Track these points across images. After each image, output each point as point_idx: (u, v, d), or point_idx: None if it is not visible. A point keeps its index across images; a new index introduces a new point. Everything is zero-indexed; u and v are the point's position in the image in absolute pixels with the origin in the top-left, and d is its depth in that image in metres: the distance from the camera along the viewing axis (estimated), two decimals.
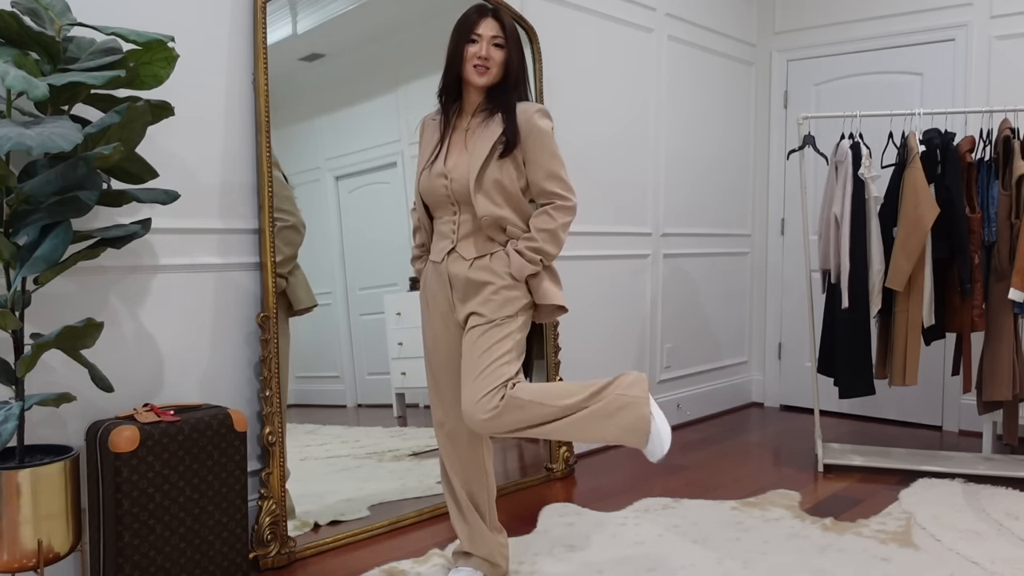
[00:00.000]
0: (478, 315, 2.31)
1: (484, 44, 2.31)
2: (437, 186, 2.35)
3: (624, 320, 4.39)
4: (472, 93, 2.39)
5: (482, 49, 2.31)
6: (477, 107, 2.39)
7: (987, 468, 3.64)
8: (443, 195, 2.35)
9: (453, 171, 2.33)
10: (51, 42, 2.08)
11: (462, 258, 2.35)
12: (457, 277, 2.35)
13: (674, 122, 4.67)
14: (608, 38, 4.21)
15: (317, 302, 2.93)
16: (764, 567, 2.66)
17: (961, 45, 4.52)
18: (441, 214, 2.40)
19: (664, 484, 3.61)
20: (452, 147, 2.39)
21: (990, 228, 3.59)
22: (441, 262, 2.38)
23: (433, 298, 2.42)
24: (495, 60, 2.32)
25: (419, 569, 2.64)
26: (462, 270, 2.34)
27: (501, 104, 2.35)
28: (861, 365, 3.67)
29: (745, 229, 5.31)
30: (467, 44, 2.33)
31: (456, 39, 2.35)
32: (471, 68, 2.32)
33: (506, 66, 2.34)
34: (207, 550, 2.41)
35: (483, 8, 2.37)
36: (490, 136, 2.32)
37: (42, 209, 2.05)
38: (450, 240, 2.37)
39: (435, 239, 2.42)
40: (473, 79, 2.33)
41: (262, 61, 2.74)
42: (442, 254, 2.37)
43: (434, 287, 2.41)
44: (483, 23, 2.33)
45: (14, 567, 2.05)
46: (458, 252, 2.35)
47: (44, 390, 2.34)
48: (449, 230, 2.38)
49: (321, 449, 3.01)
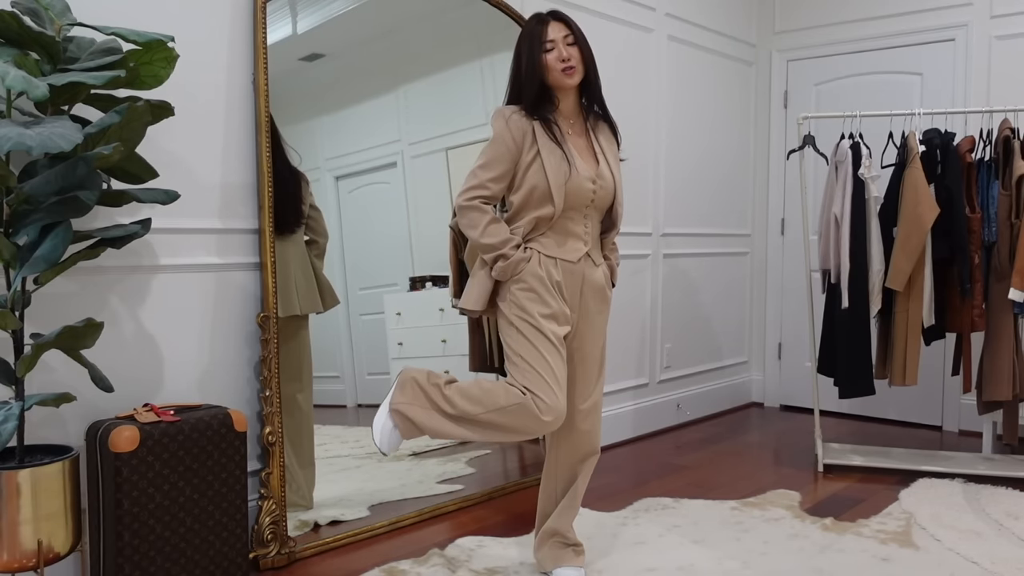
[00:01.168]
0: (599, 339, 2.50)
1: (560, 47, 2.35)
2: (585, 189, 2.38)
3: (624, 320, 4.39)
4: (569, 96, 2.43)
5: (562, 52, 2.35)
6: (576, 110, 2.46)
7: (987, 468, 3.64)
8: (587, 199, 2.40)
9: (600, 179, 2.41)
10: (51, 42, 2.08)
11: (594, 264, 2.46)
12: (594, 283, 2.45)
13: (674, 122, 4.67)
14: (608, 38, 4.20)
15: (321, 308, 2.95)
16: (764, 567, 2.66)
17: (961, 45, 4.52)
18: (570, 215, 2.40)
19: (664, 484, 3.61)
20: (582, 152, 2.43)
21: (990, 228, 3.59)
22: (577, 262, 2.42)
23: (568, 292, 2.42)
24: (576, 58, 2.36)
25: (419, 569, 2.64)
26: (597, 277, 2.47)
27: (602, 106, 2.48)
28: (861, 365, 3.67)
29: (745, 229, 5.31)
30: (543, 54, 2.35)
31: (529, 52, 2.36)
32: (559, 74, 2.36)
33: (584, 62, 2.39)
34: (207, 550, 2.41)
35: (542, 15, 2.41)
36: (612, 145, 2.49)
37: (42, 209, 2.05)
38: (583, 243, 2.43)
39: (558, 237, 2.40)
40: (565, 83, 2.37)
41: (262, 61, 2.74)
42: (578, 255, 2.42)
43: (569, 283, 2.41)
44: (551, 28, 2.37)
45: (14, 567, 2.05)
46: (591, 257, 2.45)
47: (44, 390, 2.34)
48: (583, 231, 2.43)
49: (321, 449, 3.01)
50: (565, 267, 2.40)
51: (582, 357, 2.49)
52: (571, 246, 2.41)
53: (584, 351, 2.49)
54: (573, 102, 2.45)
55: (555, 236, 2.39)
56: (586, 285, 2.45)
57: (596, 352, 2.51)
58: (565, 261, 2.39)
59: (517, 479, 3.55)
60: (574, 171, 2.35)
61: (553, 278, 2.38)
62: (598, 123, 2.50)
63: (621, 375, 4.39)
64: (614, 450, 4.21)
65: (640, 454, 4.15)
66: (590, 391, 2.51)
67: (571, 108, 2.45)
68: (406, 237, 3.27)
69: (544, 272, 2.37)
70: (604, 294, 2.50)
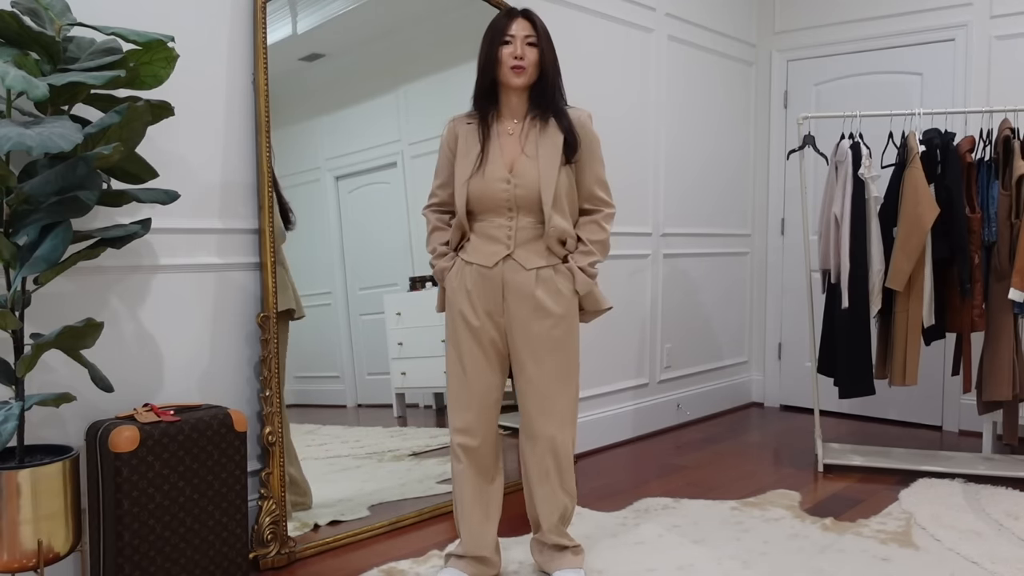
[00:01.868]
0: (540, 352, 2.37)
1: (518, 44, 2.31)
2: (495, 190, 2.33)
3: (624, 320, 4.39)
4: (512, 96, 2.38)
5: (517, 49, 2.30)
6: (523, 110, 2.40)
7: (987, 468, 3.64)
8: (501, 200, 2.34)
9: (520, 177, 2.33)
10: (51, 42, 2.08)
11: (522, 267, 2.34)
12: (518, 288, 2.34)
13: (674, 122, 4.67)
14: (608, 38, 4.20)
15: (294, 305, 2.85)
16: (764, 567, 2.66)
17: (961, 45, 4.52)
18: (489, 217, 2.36)
19: (664, 484, 3.61)
20: (504, 151, 2.37)
21: (990, 228, 3.59)
22: (494, 267, 2.34)
23: (480, 300, 2.36)
24: (530, 59, 2.32)
25: (419, 569, 2.64)
26: (527, 284, 2.34)
27: (550, 107, 2.37)
28: (861, 365, 3.67)
29: (745, 229, 5.31)
30: (500, 46, 2.32)
31: (489, 43, 2.34)
32: (508, 70, 2.32)
33: (541, 65, 2.34)
34: (207, 550, 2.41)
35: (512, 10, 2.38)
36: (554, 143, 2.34)
37: (42, 209, 2.05)
38: (504, 245, 2.35)
39: (478, 241, 2.38)
40: (511, 81, 2.33)
41: (262, 61, 2.74)
42: (495, 259, 2.34)
43: (481, 289, 2.36)
44: (515, 23, 2.33)
45: (14, 567, 2.05)
46: (516, 260, 2.35)
47: (44, 390, 2.34)
48: (503, 235, 2.35)
49: (321, 449, 3.01)
50: (480, 272, 2.35)
51: (520, 370, 2.39)
52: (489, 250, 2.35)
53: (521, 363, 2.38)
54: (519, 102, 2.39)
55: (478, 240, 2.38)
56: (508, 291, 2.35)
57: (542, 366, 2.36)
58: (480, 266, 2.35)
59: (517, 479, 3.55)
60: (478, 172, 2.34)
61: (467, 286, 2.36)
62: (547, 123, 2.37)
63: (621, 375, 4.39)
64: (614, 450, 4.21)
65: (640, 454, 4.15)
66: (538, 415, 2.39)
67: (515, 108, 2.39)
68: (406, 237, 3.27)
69: (458, 281, 2.38)
70: (535, 301, 2.34)
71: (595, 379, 4.20)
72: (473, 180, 2.35)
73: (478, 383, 2.39)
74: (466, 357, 2.38)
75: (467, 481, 2.45)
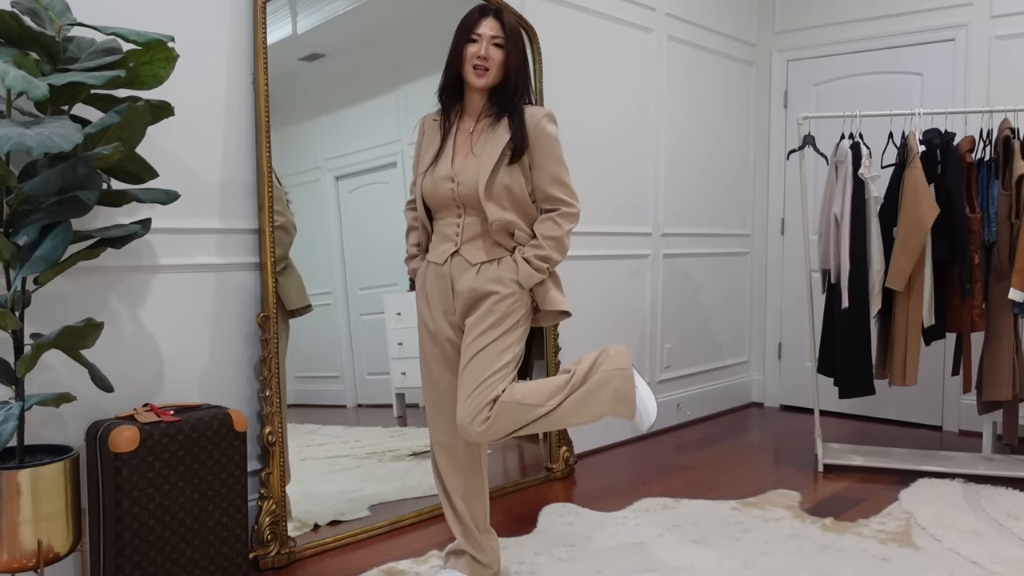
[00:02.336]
0: (479, 326, 2.30)
1: (484, 44, 2.30)
2: (442, 189, 2.34)
3: (624, 320, 4.39)
4: (474, 94, 2.37)
5: (481, 49, 2.29)
6: (481, 109, 2.38)
7: (987, 468, 3.64)
8: (448, 198, 2.34)
9: (461, 174, 2.32)
10: (51, 42, 2.08)
11: (468, 263, 2.33)
12: (462, 284, 2.33)
13: (674, 122, 4.67)
14: (608, 38, 4.20)
15: (310, 302, 2.92)
16: (764, 567, 2.66)
17: (961, 45, 4.52)
18: (443, 216, 2.38)
19: (664, 484, 3.61)
20: (457, 149, 2.37)
21: (990, 228, 3.59)
22: (444, 264, 2.36)
23: (435, 300, 2.40)
24: (494, 60, 2.31)
25: (419, 569, 2.64)
26: (468, 278, 2.32)
27: (506, 107, 2.34)
28: (861, 365, 3.67)
29: (745, 229, 5.31)
30: (467, 44, 2.32)
31: (457, 39, 2.35)
32: (470, 68, 2.31)
33: (505, 67, 2.33)
34: (207, 550, 2.41)
35: (485, 8, 2.37)
36: (498, 141, 2.31)
37: (42, 209, 2.05)
38: (453, 243, 2.35)
39: (436, 240, 2.41)
40: (472, 80, 2.32)
41: (262, 61, 2.74)
42: (445, 256, 2.36)
43: (435, 289, 2.39)
44: (484, 23, 2.32)
45: (14, 567, 2.05)
46: (462, 255, 2.34)
47: (44, 390, 2.34)
48: (452, 232, 2.36)
49: (321, 449, 3.01)
50: (435, 270, 2.39)
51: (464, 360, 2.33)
52: (442, 248, 2.38)
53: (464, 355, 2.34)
54: (480, 101, 2.38)
55: (436, 238, 2.42)
56: (457, 287, 2.35)
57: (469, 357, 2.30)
58: (434, 264, 2.39)
59: (517, 479, 3.55)
60: (430, 171, 2.36)
61: (426, 285, 2.41)
62: (499, 122, 2.34)
63: None
64: (614, 450, 4.21)
65: (640, 454, 4.15)
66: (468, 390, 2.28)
67: (476, 106, 2.39)
68: None
69: (419, 283, 2.45)
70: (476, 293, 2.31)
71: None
72: (425, 178, 2.38)
73: (441, 383, 2.43)
74: (429, 360, 2.44)
75: (446, 478, 2.47)
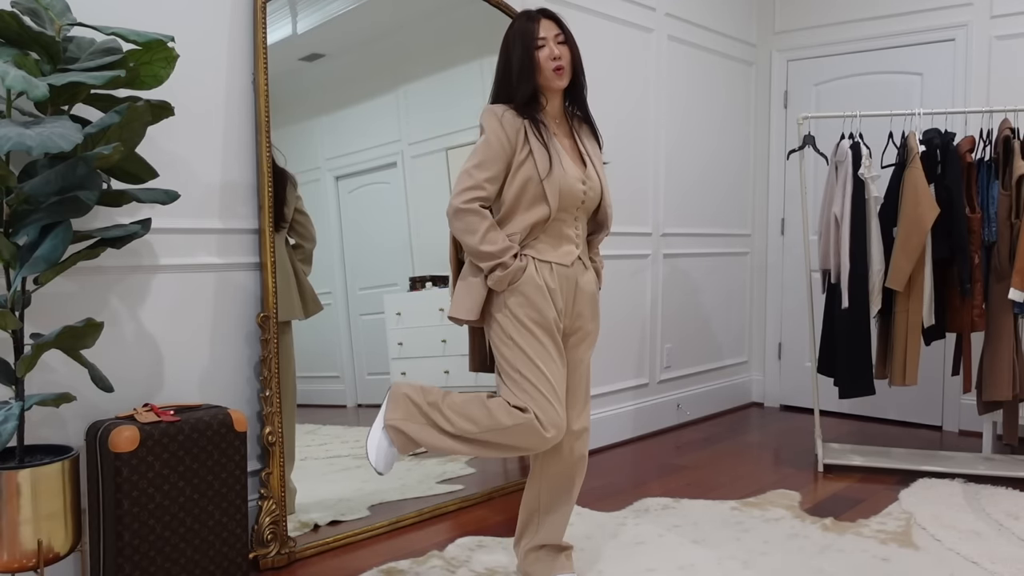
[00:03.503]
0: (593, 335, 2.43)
1: (551, 45, 2.30)
2: (576, 191, 2.33)
3: (624, 320, 4.39)
4: (554, 97, 2.38)
5: (553, 50, 2.29)
6: (561, 111, 2.41)
7: (987, 468, 3.64)
8: (577, 201, 2.34)
9: (589, 180, 2.36)
10: (51, 42, 2.08)
11: (585, 267, 2.41)
12: (586, 288, 2.39)
13: (674, 122, 4.67)
14: (608, 38, 4.20)
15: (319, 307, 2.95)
16: (764, 567, 2.66)
17: (961, 45, 4.52)
18: (564, 217, 2.34)
19: (664, 484, 3.61)
20: (567, 153, 2.36)
21: (990, 228, 3.59)
22: (571, 266, 2.35)
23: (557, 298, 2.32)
24: (567, 58, 2.32)
25: (419, 569, 2.64)
26: (590, 282, 2.42)
27: (584, 109, 2.44)
28: (861, 365, 3.67)
29: (745, 229, 5.31)
30: (536, 50, 2.29)
31: (522, 47, 2.29)
32: (550, 73, 2.29)
33: (575, 63, 2.35)
34: (207, 550, 2.41)
35: (531, 13, 2.35)
36: (596, 149, 2.43)
37: (42, 209, 2.05)
38: (575, 245, 2.37)
39: (551, 239, 2.32)
40: (555, 83, 2.31)
41: (262, 61, 2.74)
42: (570, 258, 2.35)
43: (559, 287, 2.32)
44: (542, 26, 2.31)
45: (14, 567, 2.05)
46: (582, 260, 2.40)
47: (44, 390, 2.34)
48: (574, 234, 2.38)
49: (321, 449, 3.01)
50: (560, 271, 2.32)
51: (574, 368, 2.42)
52: (565, 249, 2.34)
53: (575, 362, 2.42)
54: (559, 104, 2.40)
55: (549, 239, 2.32)
56: (579, 290, 2.38)
57: (585, 365, 2.44)
58: (560, 265, 2.32)
59: (517, 479, 3.55)
60: (564, 172, 2.29)
61: (549, 284, 2.30)
62: (582, 126, 2.45)
63: (621, 375, 4.39)
64: (614, 450, 4.21)
65: (640, 454, 4.15)
66: (580, 408, 2.43)
67: (557, 110, 2.40)
68: (406, 237, 3.27)
69: (541, 279, 2.29)
70: (595, 299, 2.44)
71: (595, 379, 4.20)
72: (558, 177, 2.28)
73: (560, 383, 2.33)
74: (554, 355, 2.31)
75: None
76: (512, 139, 2.27)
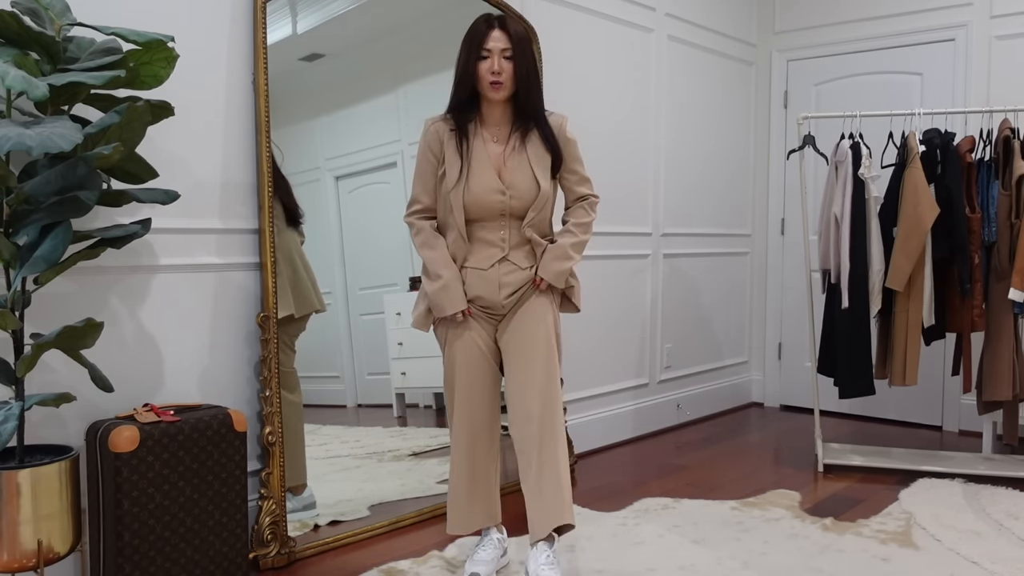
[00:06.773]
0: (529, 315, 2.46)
1: (495, 59, 2.33)
2: (491, 200, 2.39)
3: (624, 320, 4.39)
4: (494, 107, 2.42)
5: (494, 64, 2.33)
6: (502, 120, 2.43)
7: (987, 468, 3.64)
8: (496, 209, 2.40)
9: (513, 188, 2.39)
10: (51, 42, 2.08)
11: (518, 267, 2.44)
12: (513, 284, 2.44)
13: (674, 122, 4.67)
14: (608, 38, 4.20)
15: (319, 305, 2.94)
16: (764, 567, 2.66)
17: (961, 45, 4.52)
18: (484, 223, 2.42)
19: (664, 484, 3.61)
20: (491, 161, 2.40)
21: (990, 228, 3.59)
22: (488, 269, 2.42)
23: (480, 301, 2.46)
24: (508, 73, 2.35)
25: (419, 569, 2.64)
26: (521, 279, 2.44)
27: (533, 117, 2.42)
28: (861, 365, 3.67)
29: (745, 229, 5.31)
30: (478, 61, 2.35)
31: (466, 55, 2.36)
32: (487, 85, 2.35)
33: (517, 76, 2.36)
34: (207, 550, 2.41)
35: (490, 19, 2.38)
36: (541, 155, 2.42)
37: (42, 209, 2.05)
38: (500, 249, 2.43)
39: (476, 247, 2.44)
40: (490, 95, 2.36)
41: (262, 61, 2.74)
42: (490, 262, 2.42)
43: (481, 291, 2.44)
44: (491, 36, 2.34)
45: (14, 567, 2.05)
46: (511, 262, 2.44)
47: (44, 390, 2.34)
48: (498, 238, 2.43)
49: (321, 449, 3.01)
50: (475, 274, 2.43)
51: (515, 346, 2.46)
52: (484, 254, 2.43)
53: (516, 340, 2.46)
54: (500, 112, 2.44)
55: (474, 245, 2.44)
56: (503, 288, 2.44)
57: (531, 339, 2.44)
58: (475, 269, 2.43)
59: (517, 479, 3.55)
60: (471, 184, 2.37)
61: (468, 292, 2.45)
62: (529, 132, 2.44)
63: (621, 375, 4.39)
64: (614, 450, 4.21)
65: (640, 454, 4.15)
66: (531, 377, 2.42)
67: (497, 117, 2.43)
68: (406, 237, 3.27)
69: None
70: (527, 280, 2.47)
71: (595, 379, 4.20)
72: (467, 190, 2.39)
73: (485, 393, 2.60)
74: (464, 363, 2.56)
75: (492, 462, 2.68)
76: (436, 151, 2.43)
